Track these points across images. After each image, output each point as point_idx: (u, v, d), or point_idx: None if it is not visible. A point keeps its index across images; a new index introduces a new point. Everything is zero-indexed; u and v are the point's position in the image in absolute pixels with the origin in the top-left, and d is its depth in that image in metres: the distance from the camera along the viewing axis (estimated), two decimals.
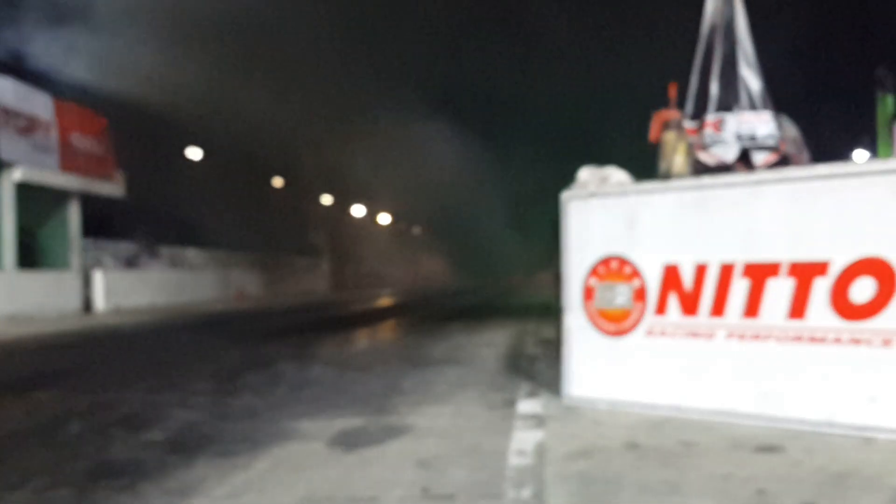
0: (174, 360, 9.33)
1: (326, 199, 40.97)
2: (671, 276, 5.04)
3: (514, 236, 59.37)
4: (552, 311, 5.63)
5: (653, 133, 6.19)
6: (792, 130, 14.72)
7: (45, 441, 4.84)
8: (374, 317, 17.42)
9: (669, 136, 6.09)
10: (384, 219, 51.63)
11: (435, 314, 17.81)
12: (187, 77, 25.30)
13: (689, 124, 6.81)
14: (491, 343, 10.10)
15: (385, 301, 26.38)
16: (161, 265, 26.31)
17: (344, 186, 41.49)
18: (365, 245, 46.14)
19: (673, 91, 6.41)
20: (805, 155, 14.55)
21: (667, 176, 5.76)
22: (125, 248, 24.70)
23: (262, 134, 31.92)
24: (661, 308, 5.08)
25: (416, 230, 58.35)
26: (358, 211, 46.63)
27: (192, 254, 28.45)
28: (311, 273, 37.52)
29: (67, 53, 19.88)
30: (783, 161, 7.21)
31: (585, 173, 5.51)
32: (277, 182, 36.57)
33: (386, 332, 12.87)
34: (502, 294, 29.21)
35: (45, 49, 19.09)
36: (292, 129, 36.46)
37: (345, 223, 43.94)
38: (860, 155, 23.05)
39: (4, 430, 5.21)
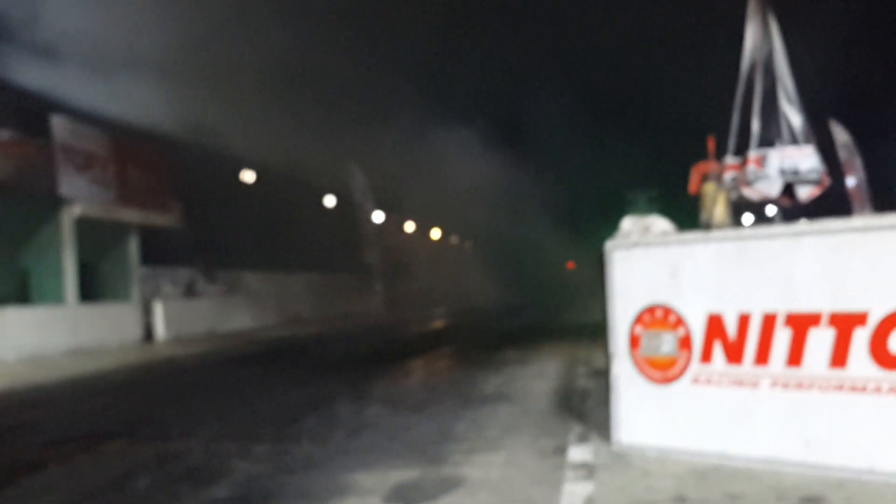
0: (234, 400, 9.58)
1: (378, 217, 41.30)
2: (715, 325, 5.13)
3: (565, 252, 59.25)
4: (604, 334, 5.73)
5: (692, 185, 6.30)
6: (843, 136, 14.55)
7: (116, 499, 5.10)
8: (427, 343, 17.59)
9: (709, 188, 6.19)
10: (435, 235, 51.82)
11: (487, 338, 17.92)
12: (238, 103, 25.92)
13: (732, 160, 6.91)
14: (542, 375, 10.21)
15: (437, 323, 26.55)
16: (218, 290, 26.81)
17: (395, 203, 41.81)
18: (416, 262, 46.33)
19: (711, 144, 6.51)
20: (857, 160, 14.38)
21: (708, 226, 5.86)
22: (183, 273, 25.23)
23: (314, 154, 32.48)
24: (706, 356, 5.17)
25: (468, 245, 58.51)
26: (409, 227, 46.89)
27: (248, 277, 28.92)
28: (365, 292, 37.78)
29: (122, 90, 20.52)
30: (835, 167, 7.23)
31: (628, 223, 5.63)
32: (330, 202, 37.00)
33: (439, 361, 13.02)
34: (554, 312, 29.13)
35: (101, 86, 19.71)
36: (344, 148, 37.02)
37: (397, 240, 44.18)
38: None
39: (77, 488, 5.49)
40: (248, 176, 28.48)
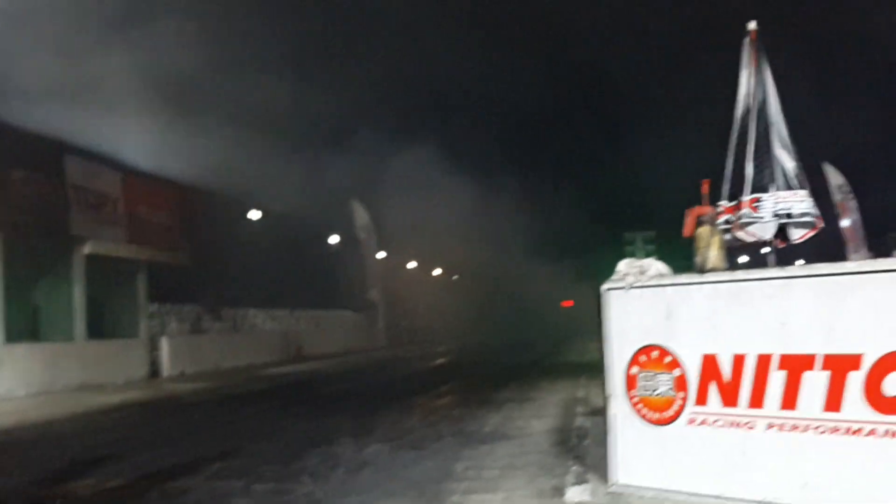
0: (237, 437, 9.64)
1: (381, 255, 41.53)
2: (710, 367, 5.20)
3: (564, 291, 59.37)
4: (601, 373, 5.80)
5: (687, 229, 6.41)
6: (838, 178, 14.82)
7: None
8: (427, 380, 17.61)
9: (703, 231, 6.29)
10: (437, 272, 51.99)
11: (487, 376, 17.95)
12: (246, 146, 26.33)
13: (726, 204, 7.03)
14: (541, 414, 10.26)
15: (438, 360, 26.51)
16: (224, 327, 26.99)
17: (398, 242, 42.06)
18: (418, 299, 46.40)
19: (705, 188, 6.63)
20: (852, 201, 14.64)
21: (702, 269, 5.95)
22: (189, 310, 25.38)
23: (319, 193, 32.88)
24: (701, 398, 5.23)
25: (468, 283, 58.45)
26: (412, 265, 47.09)
27: (252, 314, 29.08)
28: (368, 329, 37.90)
29: (134, 131, 20.87)
30: (830, 208, 7.32)
31: (624, 265, 5.72)
32: (334, 240, 37.30)
33: (439, 399, 13.05)
34: (553, 350, 29.08)
35: (113, 128, 20.02)
36: (348, 187, 37.44)
37: (399, 278, 44.34)
38: None
39: None
40: (253, 214, 28.72)
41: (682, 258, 7.30)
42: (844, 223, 10.50)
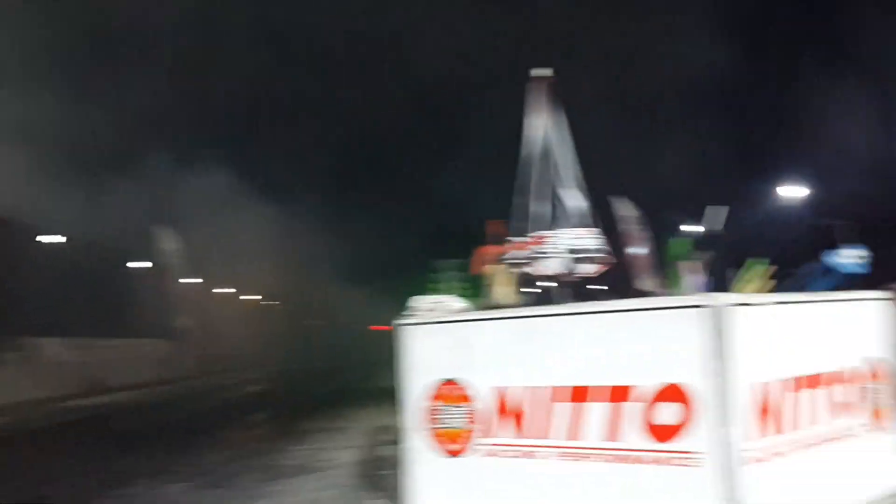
0: (28, 479, 9.05)
1: (190, 281, 40.36)
2: (502, 400, 5.41)
3: (376, 315, 59.74)
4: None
5: (475, 267, 6.69)
6: (632, 211, 15.73)
7: None
8: (236, 410, 17.37)
9: (494, 270, 6.59)
10: (246, 298, 51.38)
11: (297, 405, 17.88)
12: (42, 171, 25.08)
13: (517, 241, 7.38)
14: (348, 444, 10.34)
15: (248, 388, 25.98)
16: (17, 357, 25.23)
17: (207, 267, 41.10)
18: (229, 325, 45.35)
19: (495, 227, 6.95)
20: (643, 232, 15.54)
21: (494, 305, 6.24)
22: None
23: (121, 218, 31.67)
24: (493, 429, 5.43)
25: (279, 308, 57.70)
26: (221, 291, 46.26)
27: (49, 344, 27.34)
28: (176, 358, 36.56)
29: None
30: (624, 242, 7.82)
31: (419, 301, 5.92)
32: (139, 265, 36.00)
33: (247, 431, 12.86)
34: (365, 375, 28.99)
35: None
36: (153, 213, 36.21)
37: (209, 304, 43.27)
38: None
39: None
40: (47, 239, 27.22)
41: (483, 290, 7.58)
42: (634, 252, 11.29)
